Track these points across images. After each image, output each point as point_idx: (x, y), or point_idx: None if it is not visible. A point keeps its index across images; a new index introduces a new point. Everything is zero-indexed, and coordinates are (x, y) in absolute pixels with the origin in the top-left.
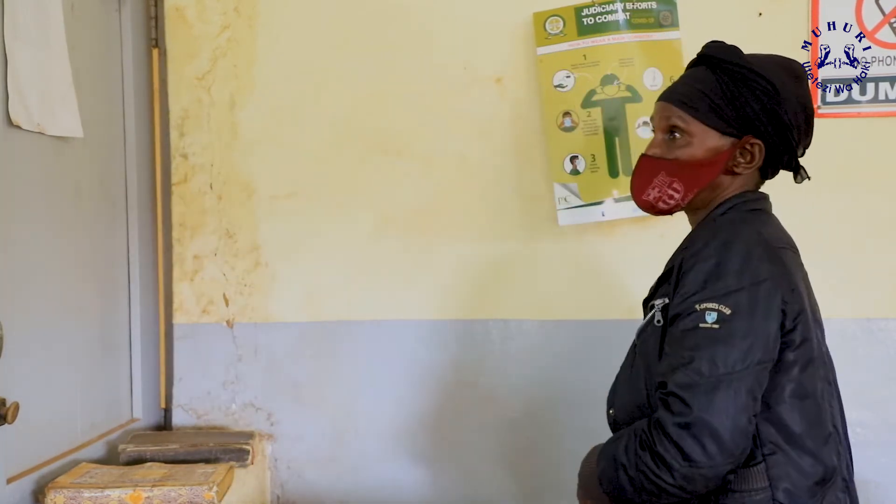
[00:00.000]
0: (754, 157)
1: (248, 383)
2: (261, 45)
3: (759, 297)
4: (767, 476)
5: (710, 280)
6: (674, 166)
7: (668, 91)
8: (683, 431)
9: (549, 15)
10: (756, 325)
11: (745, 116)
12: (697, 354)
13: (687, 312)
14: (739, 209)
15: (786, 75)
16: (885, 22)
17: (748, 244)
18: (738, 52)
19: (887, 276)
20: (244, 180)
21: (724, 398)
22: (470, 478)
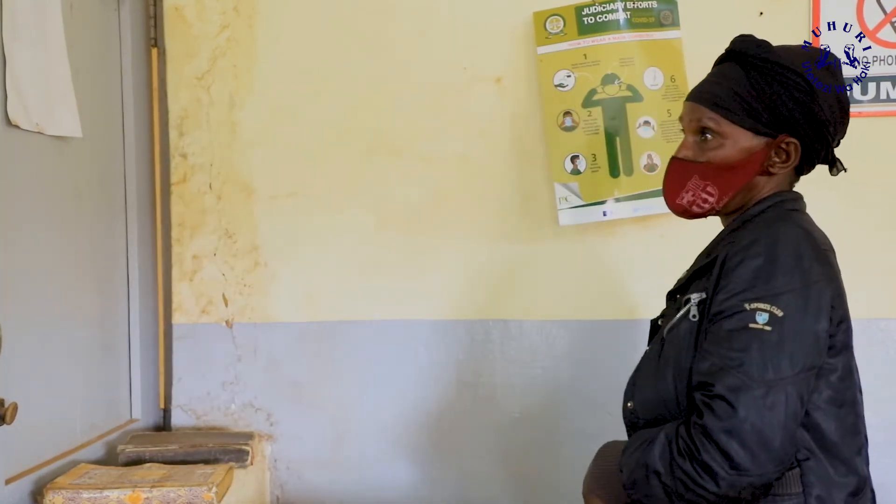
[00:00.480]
0: (790, 157)
1: (248, 383)
2: (260, 45)
3: (811, 299)
4: (801, 482)
5: (760, 279)
6: (707, 169)
7: (696, 90)
8: (731, 438)
9: (549, 14)
10: (807, 328)
11: (779, 115)
12: (747, 357)
13: (734, 311)
14: (779, 208)
15: (820, 69)
16: (886, 21)
17: (798, 243)
18: (770, 47)
19: (886, 276)
20: (243, 180)
21: (776, 403)
22: (469, 478)
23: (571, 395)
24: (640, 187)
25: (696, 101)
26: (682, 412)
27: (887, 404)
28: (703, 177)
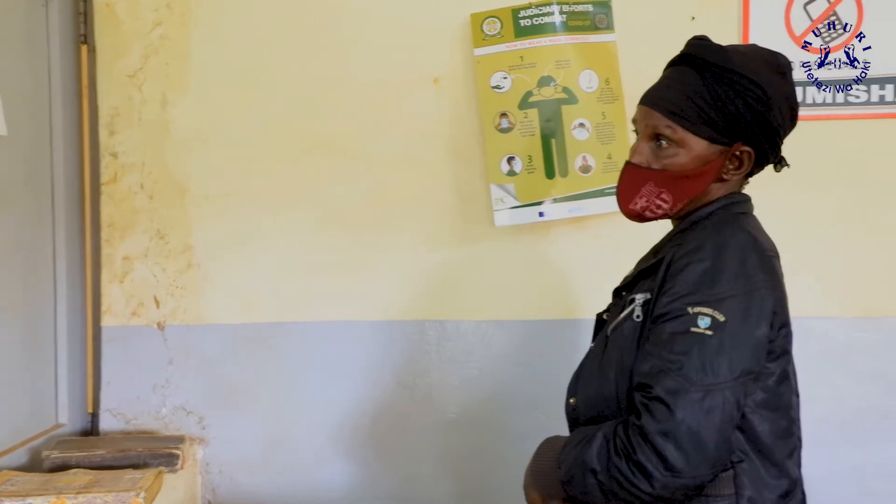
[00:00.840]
0: (743, 164)
1: (180, 387)
2: (194, 43)
3: (753, 305)
4: (734, 483)
5: (705, 283)
6: (662, 177)
7: (653, 95)
8: (668, 440)
9: (486, 16)
10: (748, 333)
11: (735, 125)
12: (687, 360)
13: (677, 314)
14: (727, 210)
15: (773, 73)
16: (812, 27)
17: (743, 249)
18: (727, 54)
19: (811, 275)
20: (177, 180)
21: (713, 407)
22: (407, 479)
23: (508, 395)
24: (576, 188)
25: (651, 107)
26: (622, 411)
27: (811, 403)
28: (658, 184)
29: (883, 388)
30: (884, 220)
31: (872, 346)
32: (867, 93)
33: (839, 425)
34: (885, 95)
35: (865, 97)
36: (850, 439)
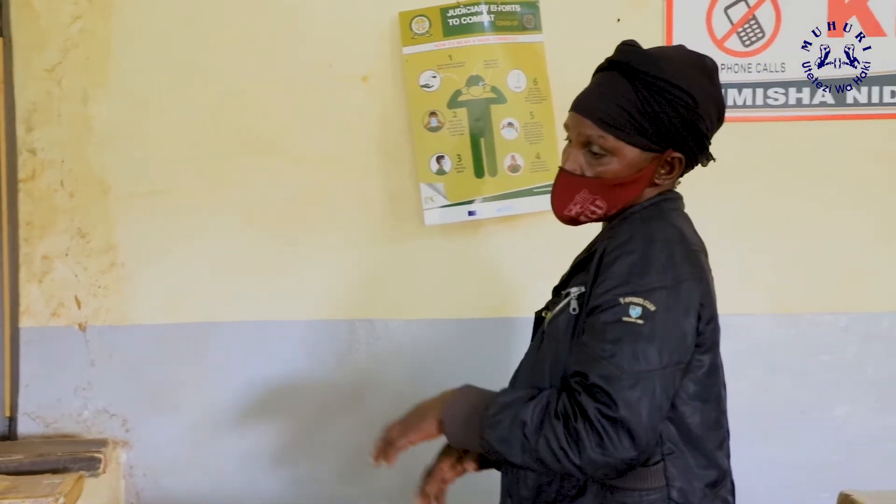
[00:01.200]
0: (675, 169)
1: (102, 389)
2: (116, 37)
3: (681, 297)
4: (665, 476)
5: (635, 274)
6: (596, 185)
7: (584, 104)
8: (606, 422)
9: (414, 15)
10: (677, 324)
11: (667, 133)
12: (619, 349)
13: (609, 305)
14: (658, 207)
15: (702, 78)
16: (732, 31)
17: (671, 242)
18: (657, 62)
19: (733, 272)
20: (99, 177)
21: (643, 395)
22: (337, 479)
23: (436, 394)
24: (505, 188)
25: (584, 115)
26: None
27: (732, 397)
28: (592, 191)
29: (801, 384)
30: (802, 219)
31: (792, 342)
32: (785, 95)
33: (759, 419)
34: (802, 98)
35: (784, 99)
36: (770, 433)
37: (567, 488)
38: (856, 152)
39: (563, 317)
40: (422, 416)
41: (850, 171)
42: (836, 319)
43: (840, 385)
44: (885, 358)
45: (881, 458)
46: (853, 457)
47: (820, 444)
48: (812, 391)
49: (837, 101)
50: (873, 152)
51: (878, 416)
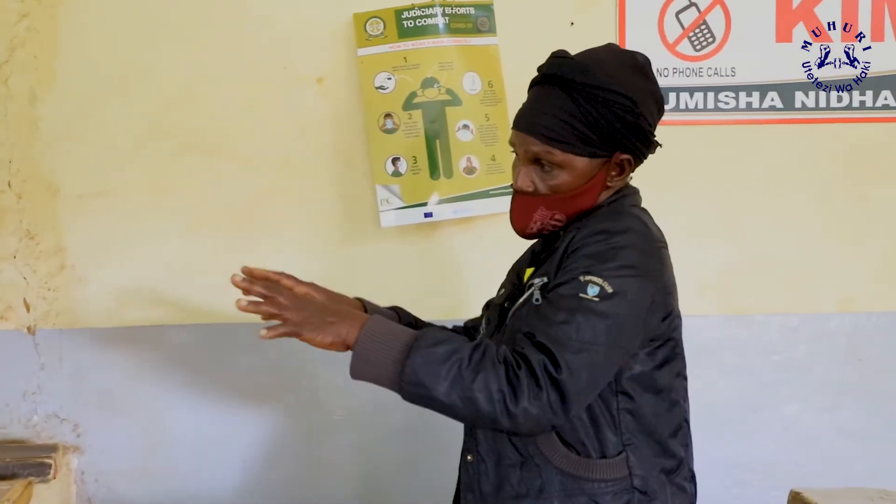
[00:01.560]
0: (625, 170)
1: (52, 393)
2: (63, 37)
3: (639, 288)
4: (627, 465)
5: (599, 259)
6: (552, 200)
7: (526, 121)
8: (547, 378)
9: (369, 16)
10: (630, 311)
11: (611, 138)
12: (571, 318)
13: (569, 280)
14: (621, 203)
15: (636, 76)
16: (683, 35)
17: (636, 236)
18: (591, 70)
19: (685, 276)
20: (47, 178)
21: (585, 366)
22: (293, 482)
23: (394, 395)
24: (460, 189)
25: (528, 133)
26: None
27: None
28: (549, 207)
29: (752, 384)
30: (753, 221)
31: (743, 342)
32: (735, 99)
33: (711, 419)
34: (752, 102)
35: (734, 103)
36: (722, 432)
37: (529, 479)
38: (804, 155)
39: (525, 308)
40: (337, 321)
41: (798, 173)
42: (787, 320)
43: (790, 384)
44: (833, 358)
45: (829, 456)
46: (802, 455)
47: (770, 443)
48: (763, 391)
49: (786, 104)
50: (821, 155)
51: (827, 414)
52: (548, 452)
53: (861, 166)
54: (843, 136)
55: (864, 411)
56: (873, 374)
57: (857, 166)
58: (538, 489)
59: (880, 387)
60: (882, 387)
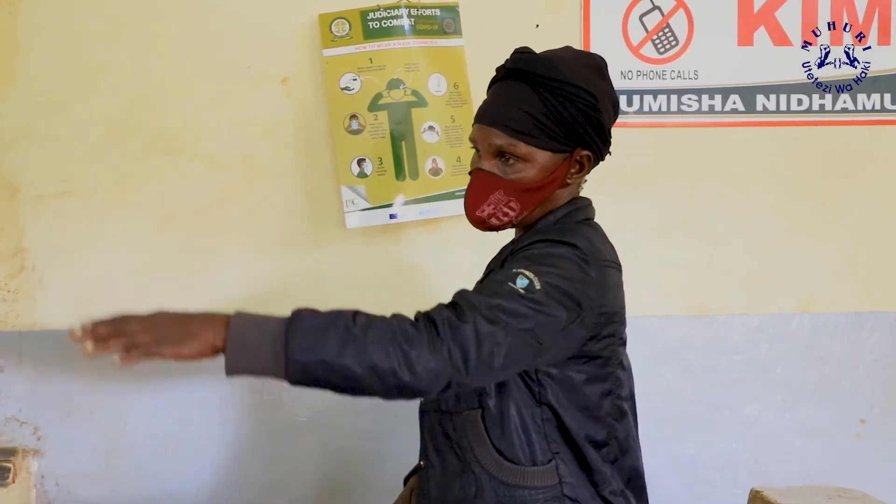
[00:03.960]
0: (584, 167)
1: (11, 396)
2: (23, 34)
3: (566, 296)
4: (557, 473)
5: (535, 258)
6: (512, 187)
7: (490, 114)
8: (449, 331)
9: (334, 17)
10: (552, 311)
11: (574, 133)
12: (493, 296)
13: (506, 268)
14: (572, 217)
15: (596, 75)
16: (647, 39)
17: (577, 251)
18: (554, 65)
19: (649, 277)
20: (6, 178)
21: (493, 336)
22: (256, 484)
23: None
24: (426, 191)
25: (493, 126)
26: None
27: (648, 397)
28: (507, 192)
29: (714, 383)
30: (715, 223)
31: (705, 342)
32: (698, 102)
33: (674, 418)
34: (714, 105)
35: (697, 106)
36: (684, 431)
37: (467, 486)
38: (765, 157)
39: None
40: (197, 328)
41: (760, 175)
42: (748, 320)
43: (751, 384)
44: (793, 357)
45: (789, 454)
46: (763, 453)
47: (732, 442)
48: (724, 390)
49: (748, 107)
50: (782, 157)
51: (787, 413)
52: (483, 460)
53: (821, 169)
54: (803, 138)
55: (823, 410)
56: (832, 373)
57: (817, 169)
58: (473, 496)
59: (839, 385)
60: (841, 385)
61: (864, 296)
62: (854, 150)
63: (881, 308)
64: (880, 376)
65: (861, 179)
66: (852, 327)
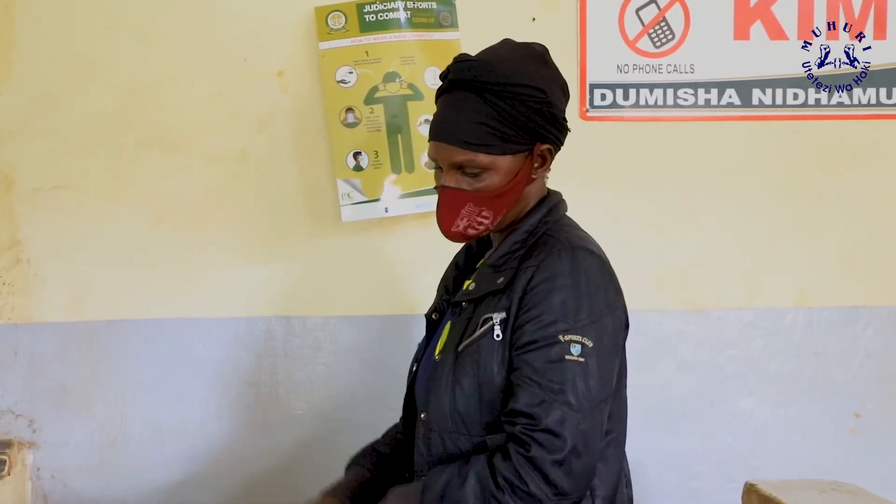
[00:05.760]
0: (546, 160)
1: (7, 388)
2: (20, 29)
3: (611, 331)
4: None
5: (569, 310)
6: (480, 197)
7: (443, 131)
8: (559, 468)
9: (330, 10)
10: (610, 358)
11: (529, 131)
12: (569, 388)
13: (549, 342)
14: (551, 217)
15: (539, 66)
16: (644, 32)
17: (598, 274)
18: (497, 68)
19: (645, 271)
20: (2, 171)
21: (592, 429)
22: (253, 478)
23: (355, 390)
24: (422, 184)
25: (449, 143)
26: (480, 426)
27: (643, 391)
28: (477, 203)
29: (708, 378)
30: (710, 218)
31: (701, 337)
32: (694, 96)
33: (668, 412)
34: (711, 99)
35: (693, 100)
36: (679, 425)
37: None
38: (761, 152)
39: (485, 342)
40: None
41: (755, 169)
42: (743, 315)
43: (746, 378)
44: (788, 352)
45: (784, 448)
46: (758, 448)
47: (726, 436)
48: (719, 385)
49: (744, 101)
50: (777, 152)
51: (781, 408)
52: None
53: (817, 163)
54: (799, 133)
55: (817, 404)
56: (827, 367)
57: (813, 163)
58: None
59: (834, 380)
60: (835, 380)
61: (859, 290)
62: (850, 145)
63: (876, 303)
64: (874, 371)
65: (857, 174)
66: (847, 322)
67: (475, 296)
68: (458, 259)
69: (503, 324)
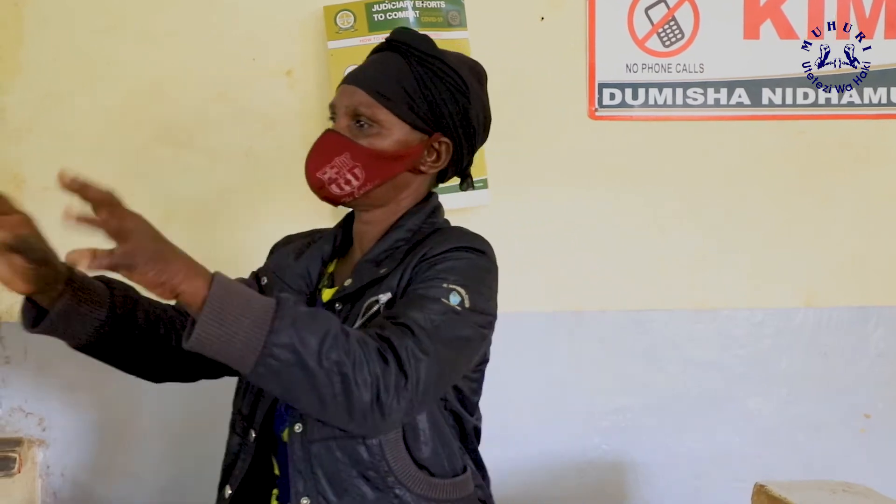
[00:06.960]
0: (441, 157)
1: (17, 387)
2: (28, 26)
3: (490, 313)
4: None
5: (463, 274)
6: (360, 151)
7: (358, 75)
8: (417, 359)
9: (339, 9)
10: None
11: (438, 113)
12: (438, 320)
13: (432, 282)
14: (438, 217)
15: (473, 76)
16: (653, 31)
17: (493, 259)
18: (431, 43)
19: (653, 270)
20: (11, 170)
21: (440, 357)
22: None
23: None
24: None
25: (357, 86)
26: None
27: (649, 390)
28: (353, 157)
29: (717, 378)
30: (719, 217)
31: (707, 337)
32: (704, 95)
33: (677, 412)
34: (720, 98)
35: (702, 99)
36: (686, 425)
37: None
38: (770, 151)
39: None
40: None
41: (764, 169)
42: (752, 315)
43: (754, 378)
44: (796, 352)
45: (792, 448)
46: (766, 448)
47: (734, 436)
48: (728, 384)
49: (753, 101)
50: (786, 151)
51: (790, 407)
52: (407, 481)
53: (826, 162)
54: (808, 132)
55: (826, 405)
56: (836, 367)
57: (822, 162)
58: None
59: (843, 380)
60: (844, 380)
61: (868, 290)
62: (859, 144)
63: (885, 302)
64: (884, 371)
65: (866, 173)
66: (856, 322)
67: (353, 289)
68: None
69: (389, 305)
